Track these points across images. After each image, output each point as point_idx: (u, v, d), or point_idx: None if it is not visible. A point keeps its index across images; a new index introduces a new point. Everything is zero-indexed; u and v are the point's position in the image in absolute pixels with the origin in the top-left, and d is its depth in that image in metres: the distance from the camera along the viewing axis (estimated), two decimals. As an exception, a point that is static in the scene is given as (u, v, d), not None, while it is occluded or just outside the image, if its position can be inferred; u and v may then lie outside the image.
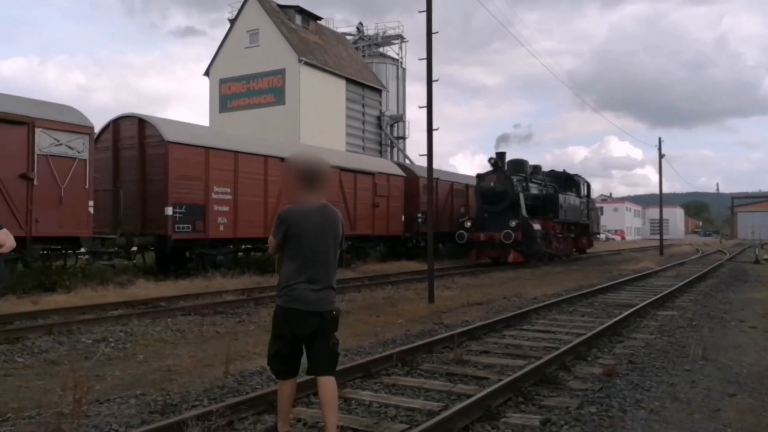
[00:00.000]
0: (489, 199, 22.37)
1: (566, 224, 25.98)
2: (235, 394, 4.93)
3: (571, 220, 26.48)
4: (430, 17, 11.63)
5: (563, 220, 25.11)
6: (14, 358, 6.48)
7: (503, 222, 20.97)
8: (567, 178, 28.01)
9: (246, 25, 33.18)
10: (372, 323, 8.88)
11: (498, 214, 21.74)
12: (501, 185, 22.23)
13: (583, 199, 28.61)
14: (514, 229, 20.85)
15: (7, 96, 11.46)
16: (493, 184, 22.37)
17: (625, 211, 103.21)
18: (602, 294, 12.56)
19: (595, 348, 6.81)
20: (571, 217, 26.17)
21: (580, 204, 27.84)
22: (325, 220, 3.74)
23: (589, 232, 30.44)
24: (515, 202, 21.92)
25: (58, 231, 11.31)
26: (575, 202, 27.00)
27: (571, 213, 26.16)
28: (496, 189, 22.20)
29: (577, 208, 27.27)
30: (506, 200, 21.97)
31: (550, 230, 23.61)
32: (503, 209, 21.81)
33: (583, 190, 29.07)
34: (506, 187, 22.12)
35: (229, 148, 15.30)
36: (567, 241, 26.47)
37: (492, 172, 22.72)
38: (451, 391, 5.05)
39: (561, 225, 25.16)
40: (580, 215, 27.76)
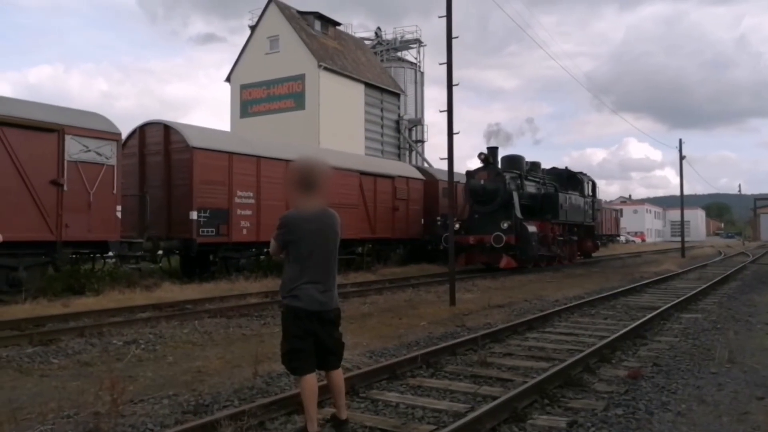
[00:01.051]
0: (479, 199, 20.34)
1: (568, 226, 24.13)
2: (265, 394, 5.04)
3: (574, 222, 24.54)
4: (450, 22, 11.70)
5: (564, 222, 23.28)
6: (49, 359, 6.67)
7: (494, 224, 19.11)
8: (569, 176, 25.99)
9: (266, 32, 33.55)
10: (395, 325, 8.96)
11: (489, 215, 19.84)
12: (492, 183, 20.13)
13: (588, 199, 26.42)
14: (506, 231, 18.94)
15: (38, 104, 11.77)
16: (483, 182, 20.25)
17: (645, 213, 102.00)
18: (624, 297, 12.50)
19: (619, 351, 6.81)
20: (573, 218, 24.20)
21: (584, 204, 25.80)
22: (324, 224, 3.91)
23: (594, 234, 28.26)
24: (508, 202, 19.98)
25: (87, 235, 11.56)
26: (578, 201, 25.01)
27: (574, 213, 24.22)
28: (486, 187, 20.13)
29: (581, 209, 25.28)
30: (497, 199, 19.92)
31: (548, 232, 21.78)
32: (494, 209, 19.88)
33: (588, 189, 26.90)
34: (498, 185, 20.01)
35: (252, 153, 15.51)
36: (569, 245, 24.59)
37: (482, 168, 20.62)
38: (477, 393, 5.11)
39: (562, 227, 23.36)
40: (583, 216, 25.68)
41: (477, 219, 20.21)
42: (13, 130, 10.56)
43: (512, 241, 18.95)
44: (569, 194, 23.95)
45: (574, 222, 24.42)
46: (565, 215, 22.99)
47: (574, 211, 24.26)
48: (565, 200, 23.04)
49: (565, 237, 23.78)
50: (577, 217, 24.60)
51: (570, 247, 24.65)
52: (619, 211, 56.75)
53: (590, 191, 27.10)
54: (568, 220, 23.45)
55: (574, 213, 24.26)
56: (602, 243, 44.84)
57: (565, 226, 23.69)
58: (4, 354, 6.77)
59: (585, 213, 25.82)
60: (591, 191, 27.25)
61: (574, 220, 24.39)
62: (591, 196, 27.01)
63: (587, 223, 26.43)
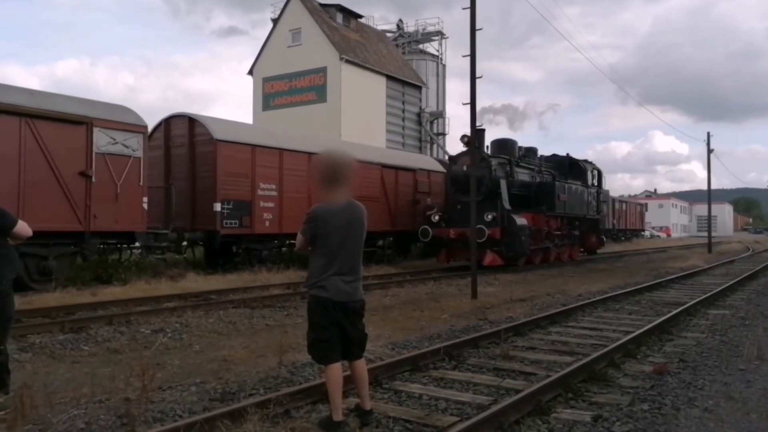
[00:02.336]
0: (460, 187, 17.58)
1: (568, 219, 21.75)
2: (289, 383, 5.11)
3: (575, 214, 22.10)
4: (473, 14, 11.63)
5: (563, 214, 20.89)
6: (80, 346, 6.83)
7: (478, 215, 16.27)
8: (571, 164, 23.40)
9: (288, 25, 33.65)
10: (416, 318, 8.99)
11: None
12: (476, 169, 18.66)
13: (591, 189, 23.78)
14: (489, 223, 16.81)
15: (67, 97, 11.98)
16: (465, 168, 17.55)
17: (671, 208, 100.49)
18: (649, 292, 12.36)
19: (645, 346, 6.76)
20: (573, 211, 21.76)
21: (587, 195, 23.21)
22: (351, 217, 3.97)
23: (599, 228, 25.34)
24: (494, 191, 17.75)
25: (114, 226, 11.78)
26: (580, 192, 22.51)
27: (575, 205, 21.81)
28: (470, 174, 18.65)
29: (583, 200, 22.79)
30: (482, 188, 17.31)
31: (542, 226, 19.53)
32: (479, 199, 17.73)
33: (592, 178, 24.27)
34: (482, 172, 17.56)
35: (274, 145, 15.62)
36: (569, 240, 22.42)
37: (464, 152, 18.02)
38: (500, 386, 5.12)
39: (560, 220, 21.05)
40: (586, 208, 23.13)
41: (459, 210, 17.73)
42: (43, 122, 10.77)
43: (497, 235, 16.83)
44: (569, 184, 21.73)
45: (574, 215, 22.11)
46: (564, 207, 20.75)
47: (575, 203, 21.91)
48: (563, 190, 20.78)
49: (563, 231, 21.55)
50: (578, 209, 22.35)
51: (570, 242, 22.54)
52: (644, 206, 56.03)
53: (594, 181, 24.65)
54: (567, 212, 21.19)
55: (575, 205, 21.92)
56: (626, 238, 44.37)
57: (564, 219, 21.41)
58: (38, 341, 6.95)
59: (588, 205, 23.38)
60: (596, 181, 24.77)
61: (575, 212, 22.08)
62: (596, 187, 24.51)
63: (590, 216, 23.87)
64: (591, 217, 23.87)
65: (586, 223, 23.76)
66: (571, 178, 22.36)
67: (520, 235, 17.37)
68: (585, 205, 22.98)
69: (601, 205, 25.13)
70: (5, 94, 10.55)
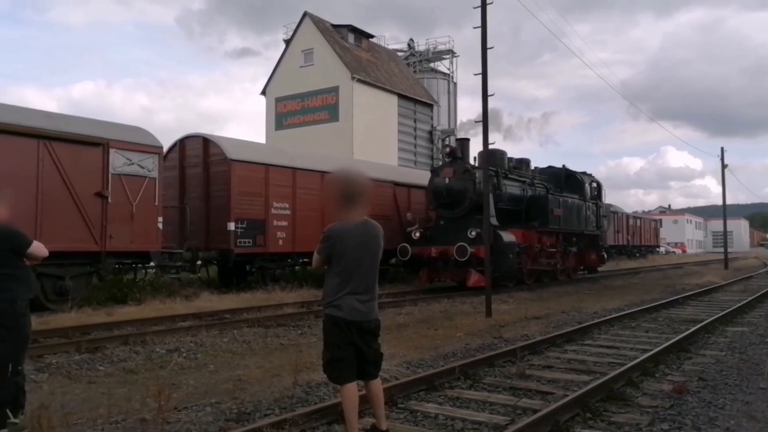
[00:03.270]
0: (443, 201, 16.75)
1: (563, 235, 20.19)
2: (304, 403, 5.09)
3: (571, 230, 20.53)
4: (485, 32, 11.71)
5: (558, 230, 19.43)
6: (96, 366, 6.86)
7: (463, 232, 15.85)
8: (567, 176, 21.92)
9: (301, 45, 34.05)
10: (431, 336, 8.94)
11: (456, 221, 16.42)
12: (458, 182, 16.58)
13: (590, 203, 22.20)
14: (473, 240, 15.52)
15: (84, 119, 12.19)
16: (448, 181, 16.61)
17: (686, 224, 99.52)
18: (666, 309, 12.22)
19: (663, 364, 6.67)
20: (570, 226, 20.22)
21: (585, 209, 21.65)
22: (367, 236, 3.98)
23: (599, 245, 23.62)
24: (479, 205, 15.63)
25: (130, 246, 11.88)
26: (577, 206, 20.96)
27: (571, 220, 20.31)
28: (453, 187, 16.55)
29: (581, 215, 21.25)
30: (466, 202, 16.44)
31: (534, 243, 18.18)
32: (462, 214, 16.50)
33: (591, 191, 22.74)
34: (465, 185, 16.49)
35: (288, 164, 15.73)
36: (566, 257, 20.81)
37: (447, 164, 17.21)
38: (516, 406, 5.06)
39: (555, 236, 19.63)
40: (584, 223, 21.52)
41: (442, 226, 16.80)
42: (60, 144, 10.94)
43: (482, 253, 14.73)
44: (565, 197, 20.21)
45: (571, 230, 20.56)
46: (559, 222, 19.26)
47: (572, 218, 20.43)
48: (558, 204, 19.24)
49: (559, 248, 20.00)
50: (575, 224, 20.78)
51: (567, 260, 20.96)
52: (659, 222, 55.58)
53: (593, 194, 23.06)
54: (562, 227, 19.66)
55: (572, 219, 20.44)
56: (641, 254, 43.97)
57: (559, 235, 19.92)
58: (54, 361, 6.99)
59: (586, 220, 21.75)
60: (594, 194, 23.16)
61: (572, 228, 20.49)
62: (594, 200, 22.89)
63: (589, 232, 22.19)
64: (590, 232, 22.25)
65: (585, 239, 22.11)
66: (567, 191, 20.99)
67: (508, 253, 15.94)
68: (583, 219, 21.44)
69: (602, 219, 23.56)
70: (24, 117, 10.75)
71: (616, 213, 38.05)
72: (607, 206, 26.36)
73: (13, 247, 4.33)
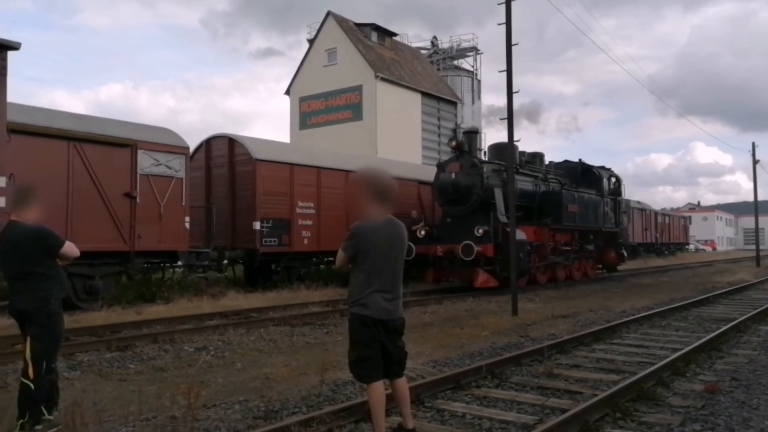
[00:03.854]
0: (449, 198, 16.02)
1: (579, 232, 19.26)
2: (331, 402, 5.11)
3: (588, 227, 19.50)
4: (509, 29, 11.61)
5: (573, 227, 18.49)
6: (126, 364, 6.98)
7: (470, 230, 15.10)
8: (584, 170, 20.92)
9: (324, 45, 34.19)
10: (457, 335, 8.91)
11: (463, 219, 15.75)
12: (465, 177, 15.75)
13: (607, 199, 20.93)
14: (481, 239, 14.85)
15: (113, 121, 12.40)
16: (454, 176, 15.90)
17: (716, 221, 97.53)
18: (696, 307, 11.99)
19: (694, 364, 6.54)
20: (586, 223, 19.18)
21: (603, 205, 20.46)
22: (393, 234, 3.99)
23: (618, 242, 22.29)
24: (486, 201, 15.69)
25: (158, 246, 12.05)
26: (595, 202, 19.86)
27: (588, 217, 19.24)
28: (459, 183, 15.77)
29: (598, 211, 20.08)
30: (473, 198, 15.68)
31: (547, 241, 17.29)
32: (470, 211, 15.77)
33: (609, 186, 21.52)
34: (472, 180, 15.67)
35: (312, 164, 15.81)
36: (583, 256, 19.94)
37: (453, 158, 16.44)
38: (545, 405, 5.01)
39: (570, 233, 18.74)
40: (602, 220, 20.35)
41: (449, 224, 16.14)
42: (90, 145, 11.15)
43: (489, 252, 14.72)
44: (581, 193, 19.22)
45: (587, 227, 19.54)
46: (574, 219, 18.27)
47: (588, 214, 19.36)
48: (573, 200, 18.26)
49: (574, 246, 19.09)
50: (592, 221, 19.71)
51: (584, 259, 20.10)
52: (688, 219, 54.56)
53: (611, 188, 21.81)
54: (578, 224, 18.68)
55: (588, 216, 19.36)
56: (670, 252, 43.21)
57: (575, 232, 19.04)
58: (86, 359, 7.13)
59: (604, 216, 20.56)
60: (613, 189, 21.93)
61: (588, 225, 19.48)
62: (612, 195, 21.62)
63: (608, 229, 20.98)
64: (608, 229, 21.02)
65: (603, 236, 21.02)
66: (584, 187, 20.07)
67: (518, 252, 14.57)
68: (600, 216, 20.27)
69: (621, 216, 22.30)
70: (55, 120, 10.97)
71: (644, 210, 37.43)
72: (627, 202, 25.29)
73: (46, 247, 4.42)
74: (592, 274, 20.83)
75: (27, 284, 4.36)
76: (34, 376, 4.29)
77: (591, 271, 20.91)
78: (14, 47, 8.70)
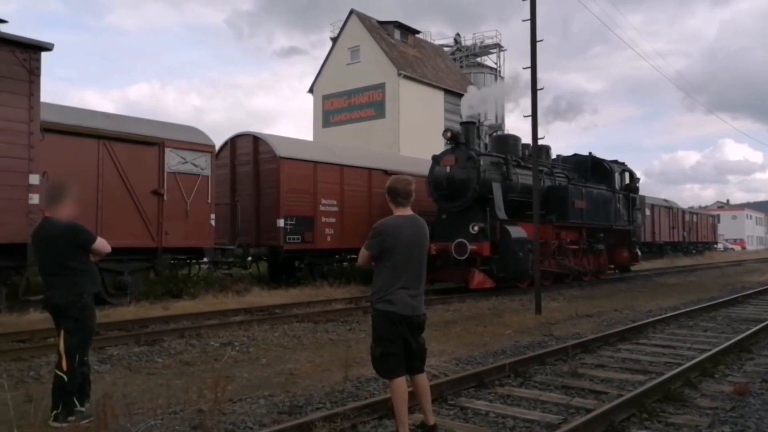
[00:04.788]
0: (443, 192, 14.98)
1: (587, 230, 18.06)
2: (355, 398, 5.15)
3: (597, 224, 18.34)
4: (534, 25, 11.52)
5: (581, 224, 17.37)
6: (154, 358, 7.11)
7: (466, 227, 14.23)
8: (594, 164, 19.65)
9: (348, 43, 34.28)
10: (480, 333, 8.90)
11: (459, 215, 14.85)
12: (461, 170, 14.72)
13: (619, 195, 19.72)
14: (476, 236, 14.00)
15: (141, 120, 12.61)
16: (449, 169, 14.88)
17: (746, 219, 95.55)
18: (725, 308, 11.78)
19: (723, 365, 6.44)
20: (595, 220, 18.04)
21: (615, 201, 19.29)
22: (417, 230, 4.05)
23: (630, 241, 20.83)
24: (483, 197, 14.68)
25: (184, 242, 12.23)
26: (605, 198, 18.68)
27: (597, 213, 18.09)
28: (454, 177, 14.73)
29: (609, 208, 18.93)
30: (469, 194, 14.71)
31: (551, 239, 16.23)
32: (466, 207, 14.82)
33: (621, 181, 20.28)
34: (468, 174, 14.57)
35: (335, 161, 15.88)
36: (592, 255, 18.59)
37: (449, 151, 15.37)
38: (569, 404, 4.99)
39: (577, 231, 17.63)
40: (613, 217, 19.12)
41: (444, 220, 15.17)
42: (119, 144, 11.35)
43: (485, 251, 13.91)
44: (590, 188, 18.09)
45: (597, 225, 18.36)
46: (582, 215, 17.12)
47: (598, 211, 18.19)
48: (580, 195, 17.10)
49: (582, 245, 17.87)
50: (602, 218, 18.52)
51: (592, 258, 18.78)
52: (716, 217, 53.54)
53: (623, 183, 20.52)
54: (586, 222, 17.53)
55: (598, 213, 18.20)
56: (698, 251, 42.44)
57: (583, 230, 17.84)
58: (115, 353, 7.28)
59: (616, 213, 19.34)
60: (625, 184, 20.60)
61: (598, 222, 18.31)
62: (624, 191, 20.31)
63: (619, 227, 19.65)
64: (620, 227, 19.71)
65: (615, 234, 19.70)
66: (593, 182, 18.98)
67: (517, 251, 14.10)
68: (612, 213, 19.07)
69: (635, 213, 20.96)
70: (86, 119, 11.20)
71: (671, 208, 36.85)
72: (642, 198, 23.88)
73: (79, 243, 4.54)
74: (602, 275, 19.60)
75: (61, 279, 4.48)
76: (67, 368, 4.41)
77: (602, 271, 19.68)
78: (47, 48, 8.92)
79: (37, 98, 8.83)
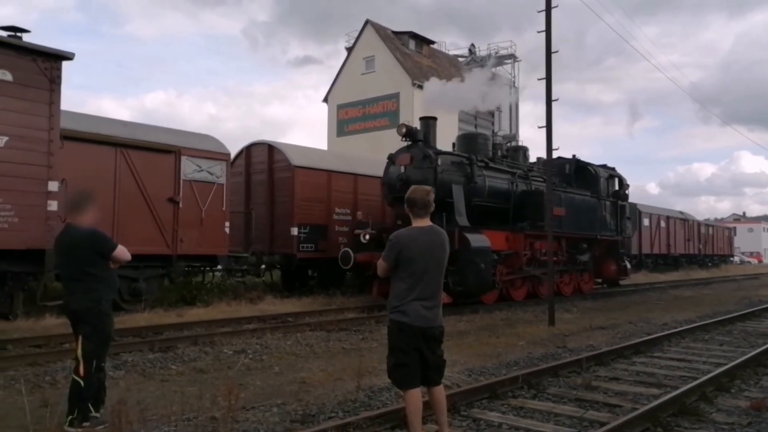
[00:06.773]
0: (398, 195, 12.28)
1: (568, 240, 16.36)
2: (368, 408, 5.15)
3: (579, 234, 16.70)
4: (549, 37, 11.53)
5: (560, 233, 15.05)
6: (168, 365, 7.16)
7: None
8: (578, 169, 17.90)
9: (363, 53, 34.49)
10: (492, 344, 8.86)
11: None
12: (416, 171, 12.91)
13: (606, 202, 18.02)
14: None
15: (158, 128, 12.76)
16: (403, 169, 13.12)
17: (762, 232, 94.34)
18: (741, 321, 11.63)
19: (739, 379, 6.37)
20: (577, 229, 16.43)
21: (601, 209, 17.67)
22: (433, 242, 4.03)
23: (618, 252, 18.80)
24: (442, 200, 11.47)
25: (198, 250, 12.32)
26: (589, 205, 17.07)
27: (579, 222, 16.45)
28: (409, 177, 12.64)
29: (594, 215, 17.33)
30: None
31: (522, 249, 14.52)
32: None
33: (608, 188, 18.47)
34: (424, 174, 12.70)
35: (349, 170, 15.94)
36: (574, 267, 17.02)
37: (404, 149, 13.53)
38: (583, 417, 4.95)
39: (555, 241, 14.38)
40: (598, 226, 17.49)
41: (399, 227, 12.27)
42: (136, 151, 11.49)
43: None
44: (571, 194, 16.49)
45: (578, 235, 16.68)
46: (560, 224, 15.08)
47: (581, 219, 16.58)
48: (559, 201, 15.18)
49: (560, 257, 15.94)
50: (585, 227, 16.88)
51: (575, 271, 17.21)
52: (732, 230, 52.94)
53: (610, 190, 18.65)
54: (564, 230, 15.67)
55: (580, 221, 16.57)
56: (713, 264, 41.96)
57: (562, 240, 15.89)
58: (130, 359, 7.34)
59: (602, 222, 17.73)
60: (613, 190, 18.75)
61: (580, 231, 16.66)
62: (613, 199, 18.58)
63: (606, 237, 17.95)
64: (606, 237, 18.01)
65: (600, 245, 17.98)
66: (576, 187, 17.30)
67: (478, 262, 12.40)
68: (596, 221, 17.46)
69: (624, 222, 19.21)
70: (103, 127, 11.35)
71: (687, 220, 36.54)
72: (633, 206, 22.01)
73: (99, 250, 4.60)
74: (586, 290, 17.77)
75: (81, 285, 4.55)
76: (84, 373, 4.46)
77: (585, 285, 17.88)
78: (68, 57, 9.06)
79: (57, 106, 8.97)
